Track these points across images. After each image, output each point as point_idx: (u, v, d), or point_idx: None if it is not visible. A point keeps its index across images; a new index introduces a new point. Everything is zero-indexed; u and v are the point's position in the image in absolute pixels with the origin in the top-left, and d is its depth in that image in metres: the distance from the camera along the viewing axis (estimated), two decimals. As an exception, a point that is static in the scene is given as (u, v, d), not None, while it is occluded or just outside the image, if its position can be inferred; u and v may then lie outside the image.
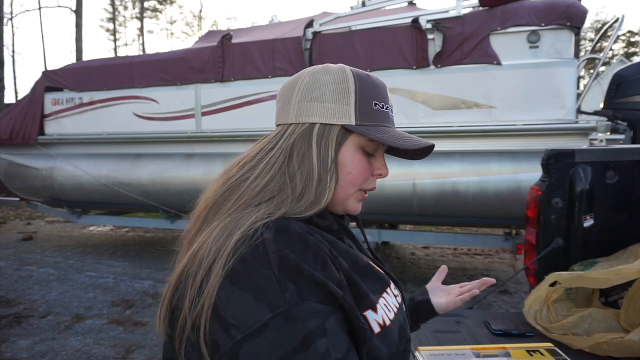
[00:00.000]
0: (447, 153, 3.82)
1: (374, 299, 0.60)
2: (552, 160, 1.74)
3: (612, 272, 1.22)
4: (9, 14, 20.35)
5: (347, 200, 0.66)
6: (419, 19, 3.89)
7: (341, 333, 0.52)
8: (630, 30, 24.27)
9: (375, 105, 0.64)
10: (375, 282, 0.63)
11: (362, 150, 0.64)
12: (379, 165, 0.68)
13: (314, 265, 0.53)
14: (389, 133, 0.64)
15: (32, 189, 5.51)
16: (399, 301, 0.69)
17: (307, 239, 0.55)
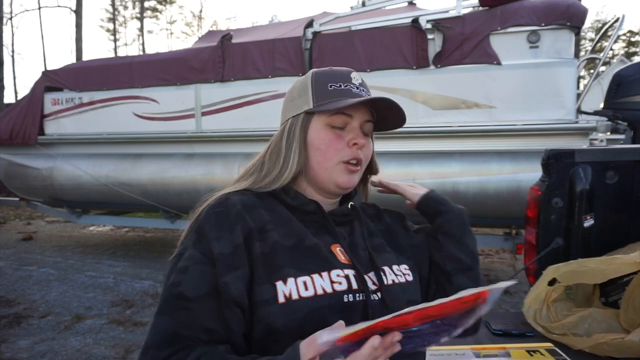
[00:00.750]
0: (447, 153, 3.82)
1: (289, 273, 0.66)
2: (552, 160, 1.74)
3: (605, 262, 1.22)
4: (8, 14, 20.36)
5: (332, 174, 0.74)
6: (419, 19, 3.89)
7: (201, 279, 0.65)
8: (631, 30, 24.27)
9: (330, 86, 0.74)
10: (313, 262, 0.69)
11: (329, 126, 0.74)
12: (352, 136, 0.74)
13: (214, 228, 0.68)
14: (340, 103, 0.72)
15: (32, 189, 5.51)
16: (339, 289, 0.67)
17: (219, 210, 0.71)
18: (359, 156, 0.74)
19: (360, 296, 0.68)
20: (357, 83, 0.76)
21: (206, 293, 0.64)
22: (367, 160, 0.79)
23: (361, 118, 0.75)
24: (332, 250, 0.72)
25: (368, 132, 0.78)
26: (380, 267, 0.74)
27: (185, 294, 0.64)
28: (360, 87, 0.76)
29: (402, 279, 0.76)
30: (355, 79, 0.76)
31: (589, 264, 1.27)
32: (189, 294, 0.64)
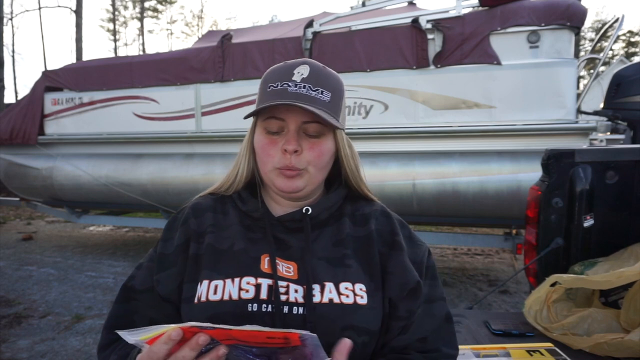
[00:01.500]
0: (447, 153, 3.82)
1: (205, 275, 0.69)
2: (552, 160, 1.74)
3: (614, 275, 1.22)
4: (9, 14, 20.36)
5: (270, 179, 0.72)
6: (419, 19, 3.89)
7: (147, 275, 0.75)
8: (631, 30, 24.27)
9: (269, 87, 0.70)
10: (232, 267, 0.70)
11: (265, 131, 0.72)
12: (284, 141, 0.70)
13: (166, 230, 0.78)
14: (259, 108, 0.69)
15: (32, 189, 5.51)
16: (245, 297, 0.66)
17: (175, 214, 0.80)
18: (290, 164, 0.69)
19: (268, 307, 0.66)
20: (299, 79, 0.69)
21: (150, 287, 0.74)
22: (315, 164, 0.70)
23: (297, 120, 0.69)
24: (260, 258, 0.70)
25: (315, 133, 0.70)
26: (322, 282, 0.68)
27: (135, 286, 0.75)
28: (300, 85, 0.68)
29: (349, 299, 0.67)
30: (297, 74, 0.69)
31: (596, 279, 1.26)
32: (138, 286, 0.75)
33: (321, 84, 0.70)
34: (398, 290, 0.71)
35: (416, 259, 0.74)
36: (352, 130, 4.02)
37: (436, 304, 0.74)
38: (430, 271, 0.76)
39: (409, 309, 0.71)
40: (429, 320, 0.72)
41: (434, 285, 0.75)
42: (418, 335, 0.71)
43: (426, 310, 0.72)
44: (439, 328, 0.73)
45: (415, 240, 0.78)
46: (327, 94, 0.69)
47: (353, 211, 0.78)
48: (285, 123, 0.69)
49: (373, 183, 3.82)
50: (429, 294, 0.74)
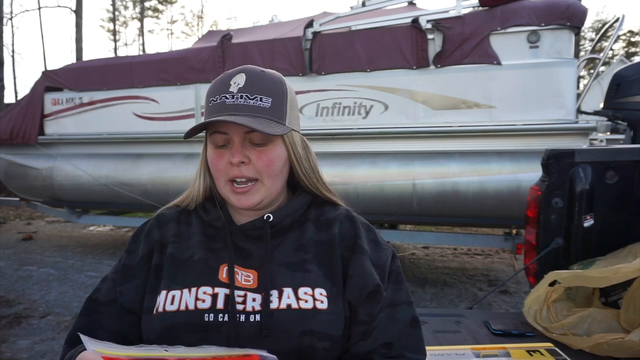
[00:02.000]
0: (447, 153, 3.82)
1: (164, 286, 0.69)
2: (552, 160, 1.74)
3: (610, 270, 1.22)
4: (8, 14, 20.36)
5: (225, 194, 0.72)
6: (419, 19, 3.89)
7: (112, 287, 0.74)
8: (631, 30, 24.27)
9: (210, 102, 0.71)
10: (189, 277, 0.70)
11: (214, 145, 0.72)
12: (229, 153, 0.70)
13: (131, 242, 0.78)
14: (194, 126, 0.70)
15: (32, 189, 5.51)
16: (201, 307, 0.66)
17: (140, 225, 0.81)
18: (237, 174, 0.69)
19: (225, 317, 0.65)
20: (235, 89, 0.68)
21: (114, 299, 0.73)
22: (267, 173, 0.69)
23: (239, 132, 0.68)
24: (219, 267, 0.70)
25: (260, 141, 0.69)
26: (280, 288, 0.67)
27: (99, 299, 0.74)
28: (237, 95, 0.68)
29: (307, 304, 0.66)
30: (234, 85, 0.69)
31: (593, 274, 1.26)
32: (102, 299, 0.74)
33: (258, 90, 0.69)
34: (357, 294, 0.69)
35: (379, 262, 0.73)
36: (352, 130, 4.03)
37: (399, 308, 0.72)
38: (394, 275, 0.74)
39: (369, 313, 0.69)
40: (392, 326, 0.70)
41: (397, 290, 0.73)
42: (381, 341, 0.69)
43: (389, 315, 0.70)
44: (403, 333, 0.70)
45: (379, 243, 0.76)
46: (266, 100, 0.69)
47: (317, 216, 0.77)
48: (230, 136, 0.69)
49: (373, 183, 3.83)
50: (392, 298, 0.72)
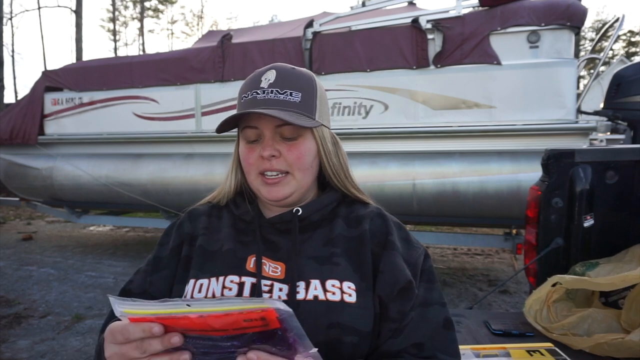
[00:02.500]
0: (447, 153, 3.82)
1: (193, 275, 0.71)
2: (552, 160, 1.74)
3: (617, 278, 1.21)
4: (8, 14, 20.35)
5: (256, 187, 0.74)
6: (419, 19, 3.89)
7: (143, 277, 0.78)
8: (631, 30, 24.26)
9: (242, 99, 0.73)
10: (218, 266, 0.72)
11: (245, 141, 0.74)
12: (261, 147, 0.71)
13: (164, 235, 0.82)
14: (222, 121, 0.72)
15: (32, 189, 5.51)
16: (228, 294, 0.67)
17: (173, 220, 0.86)
18: (268, 167, 0.70)
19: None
20: (266, 85, 0.70)
21: (145, 290, 0.76)
22: (297, 166, 0.71)
23: (270, 126, 0.70)
24: (246, 258, 0.71)
25: (291, 135, 0.70)
26: (307, 280, 0.67)
27: (132, 290, 0.78)
28: (267, 90, 0.69)
29: (335, 297, 0.66)
30: (265, 81, 0.70)
31: (599, 281, 1.26)
32: (134, 290, 0.78)
33: (288, 85, 0.70)
34: (388, 290, 0.68)
35: (411, 260, 0.72)
36: (352, 130, 4.03)
37: (432, 308, 0.70)
38: (427, 274, 0.73)
39: (400, 310, 0.68)
40: (424, 325, 0.68)
41: (430, 289, 0.72)
42: (412, 341, 0.67)
43: (421, 314, 0.69)
44: (436, 334, 0.69)
45: (411, 242, 0.76)
46: (296, 95, 0.70)
47: (347, 214, 0.77)
48: (260, 130, 0.71)
49: (373, 183, 3.83)
50: (424, 297, 0.71)
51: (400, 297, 0.69)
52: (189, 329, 0.50)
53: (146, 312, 0.50)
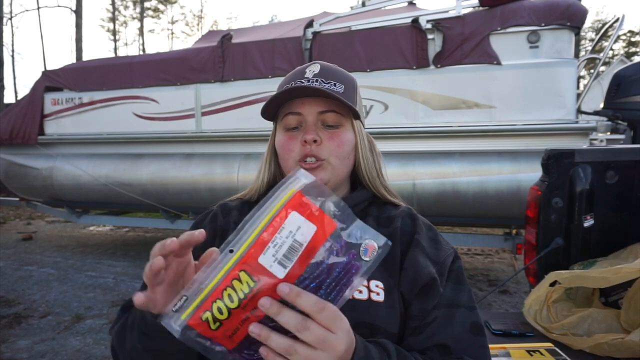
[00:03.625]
0: (447, 153, 3.82)
1: None
2: (552, 160, 1.74)
3: (611, 271, 1.22)
4: (8, 14, 20.35)
5: None
6: (419, 19, 3.89)
7: None
8: (631, 30, 24.26)
9: (284, 88, 0.72)
10: None
11: (284, 129, 0.73)
12: (303, 132, 0.71)
13: (196, 225, 0.79)
14: (268, 100, 0.72)
15: (32, 189, 5.51)
16: None
17: (204, 212, 0.83)
18: (309, 152, 0.70)
19: None
20: (311, 75, 0.71)
21: None
22: (336, 154, 0.71)
23: (313, 111, 0.70)
24: None
25: (333, 123, 0.71)
26: None
27: None
28: (312, 79, 0.70)
29: (362, 295, 0.66)
30: (309, 72, 0.72)
31: (593, 274, 1.26)
32: None
33: (332, 77, 0.72)
34: (410, 286, 0.68)
35: (438, 259, 0.71)
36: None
37: (459, 310, 0.68)
38: (455, 275, 0.72)
39: (421, 308, 0.67)
40: (449, 327, 0.66)
41: (458, 290, 0.70)
42: (436, 341, 0.65)
43: (447, 315, 0.67)
44: (464, 338, 0.66)
45: (440, 242, 0.75)
46: (340, 86, 0.71)
47: (379, 214, 0.77)
48: (303, 117, 0.71)
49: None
50: (451, 298, 0.69)
51: (422, 294, 0.68)
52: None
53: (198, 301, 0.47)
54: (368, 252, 0.49)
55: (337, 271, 0.48)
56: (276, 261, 0.47)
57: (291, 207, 0.48)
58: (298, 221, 0.48)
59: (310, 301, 0.46)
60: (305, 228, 0.48)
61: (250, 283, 0.46)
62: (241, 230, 0.49)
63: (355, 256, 0.48)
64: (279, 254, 0.47)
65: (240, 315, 0.47)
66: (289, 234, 0.47)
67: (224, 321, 0.46)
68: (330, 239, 0.48)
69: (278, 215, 0.48)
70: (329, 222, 0.48)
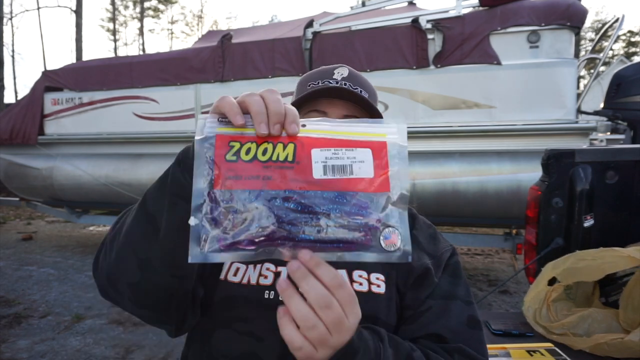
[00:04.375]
0: (447, 153, 3.82)
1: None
2: (552, 160, 1.74)
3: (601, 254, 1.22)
4: (8, 14, 20.35)
5: None
6: (419, 19, 3.89)
7: None
8: (631, 30, 24.27)
9: (309, 86, 0.74)
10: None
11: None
12: None
13: None
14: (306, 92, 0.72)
15: (32, 189, 5.51)
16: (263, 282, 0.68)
17: None
18: None
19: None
20: (339, 77, 0.73)
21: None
22: None
23: (339, 113, 0.72)
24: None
25: None
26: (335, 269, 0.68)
27: None
28: (342, 82, 0.73)
29: (362, 287, 0.66)
30: (338, 74, 0.74)
31: (586, 257, 1.27)
32: None
33: (359, 83, 0.75)
34: (404, 278, 0.69)
35: (435, 253, 0.73)
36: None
37: (455, 302, 0.69)
38: (451, 269, 0.73)
39: (415, 297, 0.68)
40: (444, 318, 0.67)
41: (454, 284, 0.71)
42: (430, 330, 0.66)
43: (442, 306, 0.68)
44: (460, 331, 0.66)
45: (438, 239, 0.77)
46: (365, 93, 0.74)
47: None
48: (327, 115, 0.72)
49: (373, 183, 3.83)
50: (447, 290, 0.70)
51: (416, 284, 0.69)
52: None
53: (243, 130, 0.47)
54: (389, 239, 0.47)
55: (352, 221, 0.46)
56: (323, 164, 0.47)
57: (372, 146, 0.48)
58: (367, 158, 0.48)
59: (330, 274, 0.45)
60: (366, 168, 0.47)
61: (290, 157, 0.46)
62: (324, 122, 0.49)
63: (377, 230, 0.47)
64: (330, 162, 0.47)
65: (258, 171, 0.46)
66: (351, 158, 0.47)
67: (242, 163, 0.46)
68: (374, 196, 0.47)
69: (359, 140, 0.48)
70: (385, 183, 0.48)
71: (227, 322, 0.67)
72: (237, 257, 0.46)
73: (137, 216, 0.59)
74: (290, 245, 0.46)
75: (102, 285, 0.64)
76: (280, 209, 0.45)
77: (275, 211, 0.45)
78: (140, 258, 0.58)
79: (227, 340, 0.67)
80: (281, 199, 0.45)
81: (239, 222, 0.45)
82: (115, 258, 0.60)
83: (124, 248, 0.59)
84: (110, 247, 0.62)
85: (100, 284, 0.64)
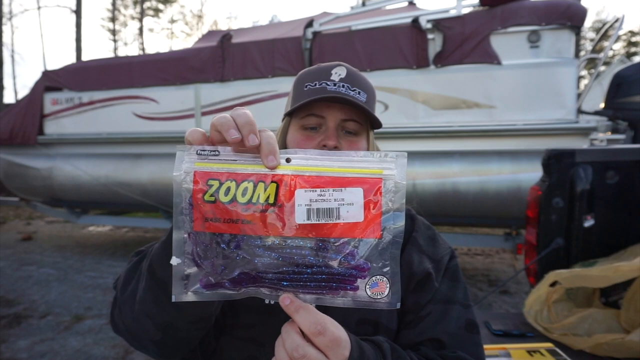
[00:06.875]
0: (447, 153, 3.82)
1: None
2: (553, 160, 1.74)
3: (610, 269, 1.22)
4: (8, 14, 20.36)
5: None
6: (419, 19, 3.89)
7: None
8: (631, 30, 24.24)
9: (306, 86, 0.71)
10: None
11: (301, 128, 0.72)
12: (322, 137, 0.70)
13: None
14: (297, 105, 0.69)
15: (32, 189, 5.51)
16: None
17: None
18: None
19: None
20: (337, 79, 0.70)
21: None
22: None
23: (336, 117, 0.70)
24: None
25: (354, 130, 0.72)
26: None
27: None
28: (339, 84, 0.70)
29: None
30: (335, 75, 0.71)
31: (593, 272, 1.26)
32: None
33: (357, 84, 0.71)
34: (406, 283, 0.68)
35: (435, 257, 0.73)
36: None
37: (453, 307, 0.69)
38: (451, 272, 0.73)
39: (416, 302, 0.68)
40: (443, 322, 0.67)
41: (453, 287, 0.72)
42: (430, 335, 0.66)
43: (441, 311, 0.68)
44: (458, 335, 0.67)
45: (438, 242, 0.76)
46: (363, 95, 0.71)
47: None
48: (324, 120, 0.71)
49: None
50: (446, 294, 0.70)
51: (417, 289, 0.69)
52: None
53: (221, 165, 0.44)
54: (376, 288, 0.45)
55: (336, 270, 0.45)
56: (307, 207, 0.43)
57: (365, 184, 0.44)
58: (356, 199, 0.44)
59: (308, 320, 0.45)
60: (355, 211, 0.44)
61: (271, 199, 0.43)
62: (312, 154, 0.45)
63: (363, 279, 0.45)
64: (315, 205, 0.43)
65: (237, 214, 0.43)
66: (339, 200, 0.44)
67: (220, 204, 0.44)
68: (362, 242, 0.44)
69: (351, 177, 0.44)
70: (375, 228, 0.45)
71: (229, 330, 0.68)
72: (220, 296, 0.46)
73: (147, 284, 0.58)
74: (272, 287, 0.46)
75: (126, 340, 0.65)
76: (262, 257, 0.44)
77: (256, 259, 0.44)
78: (158, 322, 0.58)
79: (229, 347, 0.67)
80: (261, 248, 0.44)
81: (219, 265, 0.45)
82: (134, 322, 0.60)
83: (140, 316, 0.59)
84: (124, 308, 0.62)
85: (124, 338, 0.65)
